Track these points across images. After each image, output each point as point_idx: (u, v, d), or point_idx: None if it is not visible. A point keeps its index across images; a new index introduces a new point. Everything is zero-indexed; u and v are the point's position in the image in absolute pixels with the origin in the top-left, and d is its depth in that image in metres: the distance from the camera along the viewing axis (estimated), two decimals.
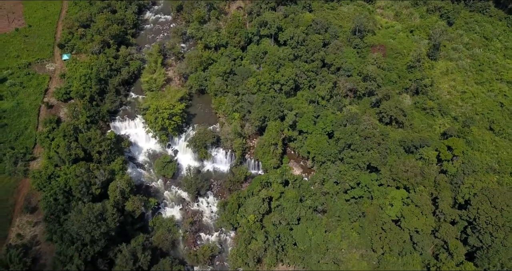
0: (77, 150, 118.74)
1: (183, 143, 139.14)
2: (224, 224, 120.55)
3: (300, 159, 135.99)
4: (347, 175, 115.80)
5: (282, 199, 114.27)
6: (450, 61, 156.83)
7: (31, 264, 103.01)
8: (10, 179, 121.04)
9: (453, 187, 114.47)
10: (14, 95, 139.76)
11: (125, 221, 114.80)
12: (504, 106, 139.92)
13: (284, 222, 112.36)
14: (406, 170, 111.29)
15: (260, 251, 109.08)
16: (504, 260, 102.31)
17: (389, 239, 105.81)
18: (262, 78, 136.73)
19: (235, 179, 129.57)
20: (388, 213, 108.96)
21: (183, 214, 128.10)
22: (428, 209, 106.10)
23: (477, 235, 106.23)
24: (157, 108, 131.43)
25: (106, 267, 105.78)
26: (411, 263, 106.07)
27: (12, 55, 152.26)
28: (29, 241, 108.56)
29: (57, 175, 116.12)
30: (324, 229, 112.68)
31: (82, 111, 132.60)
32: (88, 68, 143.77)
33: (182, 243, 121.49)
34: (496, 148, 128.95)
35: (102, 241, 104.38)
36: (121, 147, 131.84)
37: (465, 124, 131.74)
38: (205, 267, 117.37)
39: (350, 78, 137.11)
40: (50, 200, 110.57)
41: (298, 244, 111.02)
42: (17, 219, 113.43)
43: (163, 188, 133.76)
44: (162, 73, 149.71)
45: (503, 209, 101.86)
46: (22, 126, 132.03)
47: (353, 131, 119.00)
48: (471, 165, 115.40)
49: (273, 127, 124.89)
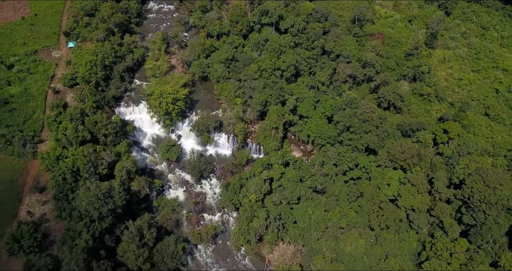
0: (84, 132, 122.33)
1: (187, 127, 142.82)
2: (226, 204, 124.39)
3: (300, 143, 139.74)
4: (346, 156, 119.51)
5: (282, 179, 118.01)
6: (447, 50, 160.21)
7: (41, 239, 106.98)
8: (19, 160, 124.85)
9: (449, 168, 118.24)
10: (21, 81, 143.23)
11: (130, 201, 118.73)
12: (500, 92, 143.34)
13: (285, 201, 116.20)
14: (403, 151, 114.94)
15: (261, 229, 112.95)
16: (496, 236, 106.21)
17: (386, 217, 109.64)
18: (264, 65, 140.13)
19: (237, 162, 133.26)
20: (385, 192, 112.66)
21: (187, 195, 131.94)
22: (424, 188, 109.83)
23: (471, 214, 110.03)
24: (161, 93, 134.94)
25: (113, 244, 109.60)
26: (407, 240, 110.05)
27: (19, 42, 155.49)
28: (39, 218, 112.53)
29: (65, 156, 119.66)
30: (323, 208, 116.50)
31: (88, 96, 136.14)
32: (93, 55, 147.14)
33: (186, 223, 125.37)
34: (491, 132, 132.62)
35: (109, 218, 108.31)
36: (126, 131, 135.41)
37: (461, 109, 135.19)
38: (208, 246, 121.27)
39: (350, 64, 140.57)
40: (58, 179, 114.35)
41: (298, 223, 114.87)
42: (27, 198, 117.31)
43: (167, 171, 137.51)
44: (166, 60, 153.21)
45: (496, 188, 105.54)
46: (30, 111, 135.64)
47: (352, 114, 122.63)
48: (466, 147, 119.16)
49: (274, 112, 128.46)
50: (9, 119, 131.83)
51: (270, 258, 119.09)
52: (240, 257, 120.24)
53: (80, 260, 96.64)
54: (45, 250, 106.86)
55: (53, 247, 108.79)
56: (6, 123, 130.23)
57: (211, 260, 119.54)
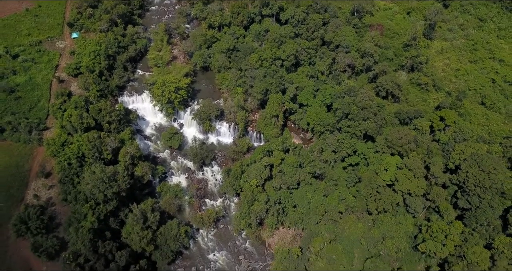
0: (88, 119, 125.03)
1: (188, 116, 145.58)
2: (228, 189, 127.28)
3: (300, 131, 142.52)
4: (345, 143, 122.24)
5: (282, 165, 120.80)
6: (445, 41, 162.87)
7: (47, 222, 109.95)
8: (25, 147, 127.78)
9: (445, 154, 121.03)
10: (26, 70, 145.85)
11: (134, 186, 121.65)
12: (496, 82, 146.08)
13: (285, 186, 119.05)
14: (400, 137, 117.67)
15: (262, 212, 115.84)
16: (491, 219, 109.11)
17: (383, 201, 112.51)
18: (264, 54, 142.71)
19: (238, 149, 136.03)
20: (383, 177, 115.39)
21: (189, 182, 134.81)
22: (420, 173, 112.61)
23: (466, 198, 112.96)
24: (163, 82, 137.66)
25: (118, 226, 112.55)
26: (404, 223, 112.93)
27: (24, 33, 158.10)
28: (45, 202, 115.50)
29: (70, 142, 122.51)
30: (322, 193, 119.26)
31: (92, 85, 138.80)
32: (97, 45, 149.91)
33: (188, 208, 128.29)
34: (487, 120, 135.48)
35: (114, 201, 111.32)
36: (129, 119, 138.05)
37: (458, 98, 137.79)
38: (210, 230, 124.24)
39: (348, 54, 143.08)
40: (64, 164, 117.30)
41: (298, 207, 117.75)
42: (33, 183, 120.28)
43: (170, 158, 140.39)
44: (168, 50, 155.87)
45: (491, 172, 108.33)
46: (35, 99, 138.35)
47: (351, 102, 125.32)
48: (462, 133, 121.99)
49: (275, 100, 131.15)
50: (15, 107, 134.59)
51: (271, 242, 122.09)
52: (241, 241, 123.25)
53: (86, 240, 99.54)
54: (51, 232, 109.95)
55: (59, 229, 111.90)
56: (12, 111, 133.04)
57: (212, 243, 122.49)
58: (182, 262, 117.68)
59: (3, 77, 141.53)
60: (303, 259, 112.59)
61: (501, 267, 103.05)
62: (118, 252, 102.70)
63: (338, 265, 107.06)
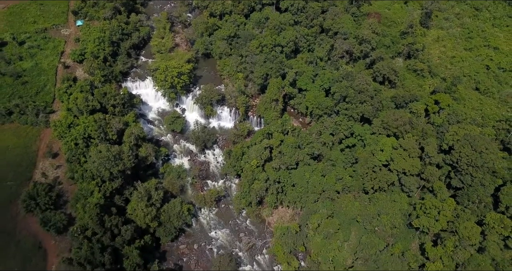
0: (94, 102, 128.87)
1: (190, 101, 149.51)
2: (229, 170, 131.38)
3: (299, 116, 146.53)
4: (342, 125, 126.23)
5: (282, 146, 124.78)
6: (441, 30, 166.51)
7: (55, 199, 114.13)
8: (32, 129, 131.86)
9: (439, 136, 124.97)
10: (32, 56, 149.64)
11: (138, 166, 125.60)
12: (490, 69, 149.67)
13: (284, 166, 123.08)
14: (396, 119, 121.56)
15: (261, 191, 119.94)
16: (482, 196, 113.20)
17: (379, 180, 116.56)
18: (264, 41, 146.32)
19: (239, 133, 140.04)
20: (379, 158, 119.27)
21: (191, 164, 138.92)
22: (415, 153, 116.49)
23: (459, 177, 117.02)
24: (166, 68, 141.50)
25: (123, 204, 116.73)
26: (399, 201, 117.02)
27: (29, 21, 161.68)
28: (53, 180, 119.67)
29: (76, 124, 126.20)
30: (320, 173, 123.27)
31: (97, 70, 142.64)
32: (101, 32, 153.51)
33: (190, 189, 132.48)
34: (480, 105, 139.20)
35: (119, 179, 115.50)
36: (133, 103, 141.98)
37: (453, 83, 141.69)
38: (212, 209, 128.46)
39: (347, 41, 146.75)
40: (71, 145, 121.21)
41: (297, 186, 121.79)
42: (40, 163, 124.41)
43: (172, 141, 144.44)
44: (171, 38, 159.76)
45: (482, 152, 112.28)
46: (41, 84, 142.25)
47: (348, 86, 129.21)
48: (455, 115, 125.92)
49: (275, 84, 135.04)
50: (22, 91, 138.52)
51: (270, 220, 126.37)
52: (242, 220, 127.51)
53: (93, 214, 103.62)
54: (59, 209, 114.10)
55: (66, 207, 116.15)
56: (19, 95, 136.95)
57: (214, 222, 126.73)
58: (184, 239, 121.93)
59: (10, 63, 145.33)
60: (301, 235, 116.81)
61: (491, 242, 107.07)
62: (124, 227, 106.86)
63: (335, 240, 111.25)
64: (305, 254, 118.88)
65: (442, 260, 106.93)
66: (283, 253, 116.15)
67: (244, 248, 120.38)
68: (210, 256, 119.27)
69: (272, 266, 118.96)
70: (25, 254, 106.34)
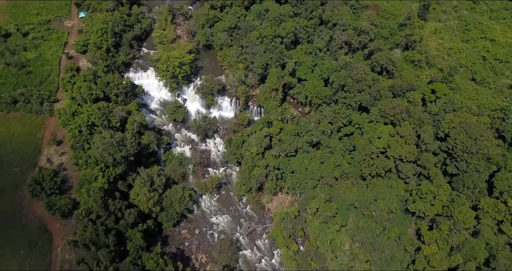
0: (97, 91, 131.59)
1: (192, 91, 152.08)
2: (229, 158, 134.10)
3: (298, 106, 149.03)
4: (341, 113, 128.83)
5: (282, 134, 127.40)
6: (439, 22, 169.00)
7: (60, 184, 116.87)
8: (37, 117, 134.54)
9: (435, 124, 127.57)
10: (36, 47, 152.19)
11: (140, 154, 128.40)
12: (487, 60, 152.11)
13: (283, 153, 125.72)
14: (393, 107, 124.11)
15: (261, 177, 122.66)
16: (476, 182, 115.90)
17: (376, 166, 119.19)
18: (265, 32, 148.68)
19: (239, 122, 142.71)
20: (376, 145, 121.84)
21: (193, 152, 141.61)
22: (412, 140, 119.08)
23: (454, 164, 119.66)
24: (168, 58, 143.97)
25: (126, 189, 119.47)
26: (395, 187, 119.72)
27: (33, 13, 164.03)
28: (57, 167, 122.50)
29: (80, 112, 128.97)
30: (319, 160, 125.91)
31: (100, 60, 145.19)
32: (104, 23, 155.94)
33: (192, 176, 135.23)
34: (476, 95, 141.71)
35: (123, 165, 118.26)
36: (135, 92, 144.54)
37: (450, 74, 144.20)
38: (213, 196, 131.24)
39: (345, 32, 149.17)
40: (75, 132, 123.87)
41: (296, 172, 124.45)
42: (45, 150, 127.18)
43: (174, 131, 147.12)
44: (172, 29, 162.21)
45: (477, 138, 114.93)
46: (45, 74, 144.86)
47: (347, 75, 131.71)
48: (452, 104, 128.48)
49: (274, 74, 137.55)
50: (27, 81, 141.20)
51: (270, 206, 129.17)
52: (242, 206, 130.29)
53: (97, 197, 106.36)
54: (63, 194, 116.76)
55: (70, 192, 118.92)
56: (24, 84, 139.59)
57: (215, 208, 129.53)
58: (186, 225, 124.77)
59: (14, 53, 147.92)
60: (300, 220, 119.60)
61: (485, 226, 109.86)
62: (127, 210, 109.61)
63: (333, 224, 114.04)
64: (304, 238, 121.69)
65: (437, 243, 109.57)
66: (282, 237, 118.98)
67: (244, 233, 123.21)
68: (211, 240, 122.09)
69: (272, 251, 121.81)
70: (31, 237, 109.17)
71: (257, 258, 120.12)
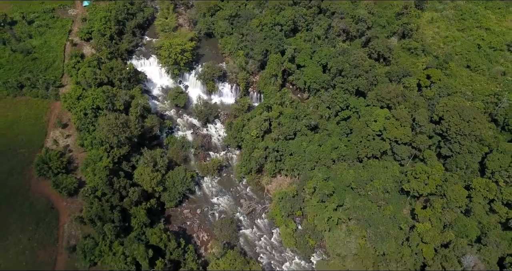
0: (101, 75, 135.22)
1: (193, 78, 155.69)
2: (230, 142, 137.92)
3: (297, 92, 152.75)
4: (338, 97, 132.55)
5: (281, 117, 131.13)
6: (435, 12, 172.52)
7: (66, 164, 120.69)
8: (43, 101, 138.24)
9: (430, 108, 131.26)
10: (41, 34, 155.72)
11: (144, 137, 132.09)
12: (481, 47, 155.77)
13: (282, 136, 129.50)
14: (389, 91, 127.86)
15: (261, 159, 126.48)
16: (469, 163, 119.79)
17: (372, 147, 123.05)
18: (265, 20, 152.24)
19: (239, 107, 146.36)
20: (372, 127, 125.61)
21: (194, 136, 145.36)
22: (407, 122, 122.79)
23: (448, 146, 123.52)
24: (170, 45, 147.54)
25: (130, 170, 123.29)
26: (390, 168, 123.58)
27: (37, 1, 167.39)
28: (63, 148, 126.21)
29: (85, 96, 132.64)
30: (317, 143, 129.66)
31: (104, 47, 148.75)
32: (107, 11, 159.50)
33: (194, 159, 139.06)
34: (471, 81, 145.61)
35: (127, 146, 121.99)
36: (138, 78, 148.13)
37: (445, 61, 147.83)
38: (214, 178, 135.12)
39: (343, 19, 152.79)
40: (80, 114, 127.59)
41: (294, 155, 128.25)
42: (51, 132, 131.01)
43: (176, 116, 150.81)
44: (174, 17, 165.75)
45: (470, 121, 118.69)
46: (50, 60, 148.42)
47: (344, 61, 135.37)
48: (446, 88, 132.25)
49: (274, 60, 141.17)
50: (32, 67, 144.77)
51: (269, 188, 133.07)
52: (242, 187, 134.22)
53: (103, 175, 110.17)
54: (69, 174, 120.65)
55: (76, 172, 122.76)
56: (30, 70, 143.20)
57: (216, 189, 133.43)
58: (188, 205, 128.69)
59: (20, 40, 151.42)
60: (298, 200, 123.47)
61: (476, 203, 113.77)
62: (131, 188, 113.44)
63: (330, 203, 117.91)
64: (302, 218, 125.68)
65: (431, 221, 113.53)
66: (281, 216, 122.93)
67: (244, 212, 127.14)
68: (212, 220, 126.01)
69: (271, 230, 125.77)
70: (39, 214, 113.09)
71: (257, 237, 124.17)
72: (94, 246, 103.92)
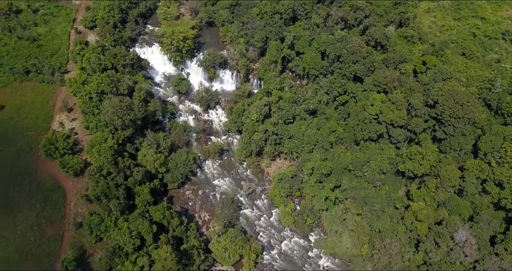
0: (105, 61, 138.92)
1: (195, 65, 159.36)
2: (231, 126, 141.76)
3: (296, 79, 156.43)
4: (336, 82, 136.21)
5: (280, 101, 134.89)
6: (432, 2, 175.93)
7: (72, 145, 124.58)
8: (49, 86, 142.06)
9: (425, 93, 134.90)
10: (46, 22, 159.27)
11: (147, 121, 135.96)
12: (476, 36, 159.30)
13: (281, 120, 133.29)
14: (386, 76, 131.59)
15: (261, 141, 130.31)
16: (462, 144, 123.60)
17: (368, 130, 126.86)
18: (265, 8, 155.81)
19: (240, 93, 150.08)
20: (369, 111, 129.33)
21: (196, 122, 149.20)
22: (402, 106, 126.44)
23: (442, 129, 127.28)
24: (172, 32, 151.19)
25: (134, 152, 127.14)
26: (386, 150, 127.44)
27: None
28: (69, 131, 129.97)
29: (90, 81, 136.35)
30: (315, 127, 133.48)
31: (107, 34, 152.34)
32: (111, 0, 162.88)
33: (196, 142, 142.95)
34: (466, 68, 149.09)
35: (131, 128, 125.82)
36: (142, 65, 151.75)
37: (441, 48, 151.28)
38: (215, 161, 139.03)
39: (342, 8, 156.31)
40: (85, 98, 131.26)
41: (293, 138, 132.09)
42: (57, 116, 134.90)
43: (178, 102, 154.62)
44: (176, 6, 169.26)
45: (464, 104, 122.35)
46: (55, 47, 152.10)
47: (342, 47, 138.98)
48: (441, 74, 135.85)
49: (274, 46, 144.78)
50: (38, 53, 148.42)
51: (268, 170, 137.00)
52: (243, 170, 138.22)
53: (108, 155, 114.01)
54: (75, 155, 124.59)
55: (82, 154, 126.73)
56: (35, 56, 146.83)
57: (217, 172, 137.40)
58: (190, 186, 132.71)
59: (25, 28, 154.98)
60: (297, 181, 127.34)
61: (469, 183, 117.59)
62: (135, 168, 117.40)
63: (328, 183, 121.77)
64: (300, 199, 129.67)
65: (425, 200, 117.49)
66: (280, 197, 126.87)
67: (244, 193, 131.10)
68: (214, 201, 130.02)
69: (271, 210, 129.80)
70: (46, 193, 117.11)
71: (257, 216, 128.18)
72: (100, 222, 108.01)
